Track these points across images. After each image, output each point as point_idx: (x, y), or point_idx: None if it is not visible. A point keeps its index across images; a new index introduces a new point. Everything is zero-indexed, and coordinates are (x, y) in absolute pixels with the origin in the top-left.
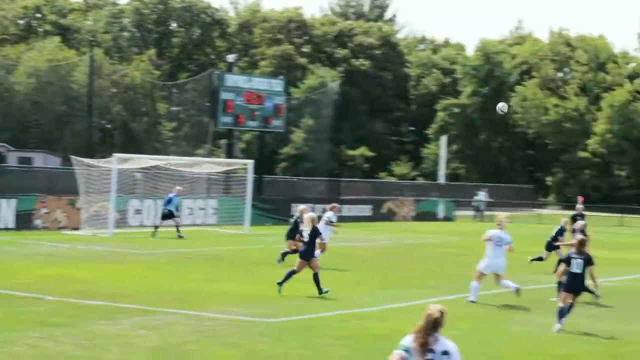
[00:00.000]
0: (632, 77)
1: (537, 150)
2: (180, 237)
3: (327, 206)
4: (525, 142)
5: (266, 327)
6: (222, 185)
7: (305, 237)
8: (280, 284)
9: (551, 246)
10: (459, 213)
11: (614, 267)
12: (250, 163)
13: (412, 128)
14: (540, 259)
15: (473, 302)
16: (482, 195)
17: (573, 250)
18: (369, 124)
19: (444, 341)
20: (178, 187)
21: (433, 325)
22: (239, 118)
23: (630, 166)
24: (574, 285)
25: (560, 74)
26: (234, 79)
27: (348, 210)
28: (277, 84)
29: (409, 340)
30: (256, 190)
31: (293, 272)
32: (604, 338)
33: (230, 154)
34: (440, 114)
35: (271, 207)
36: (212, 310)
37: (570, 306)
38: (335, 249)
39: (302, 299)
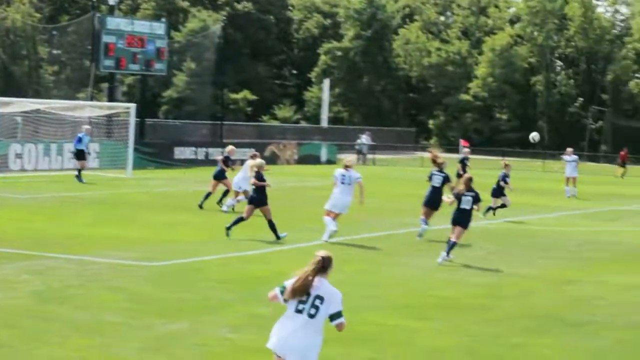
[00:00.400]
0: (513, 21)
1: (420, 93)
2: (80, 180)
3: (249, 153)
4: (408, 85)
5: (149, 270)
6: (104, 129)
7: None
8: (228, 228)
9: (498, 192)
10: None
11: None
12: (132, 107)
13: (294, 72)
14: (491, 208)
15: (326, 241)
16: (364, 139)
17: (462, 188)
18: (251, 68)
19: (326, 287)
20: (86, 126)
21: (318, 269)
22: (121, 61)
23: (511, 109)
24: (461, 219)
25: (442, 18)
26: (115, 22)
27: None
28: (159, 27)
29: (290, 282)
30: (138, 134)
31: (241, 219)
32: (486, 279)
33: (112, 98)
34: (323, 58)
35: (154, 151)
36: (96, 255)
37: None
38: (217, 193)
39: (186, 243)
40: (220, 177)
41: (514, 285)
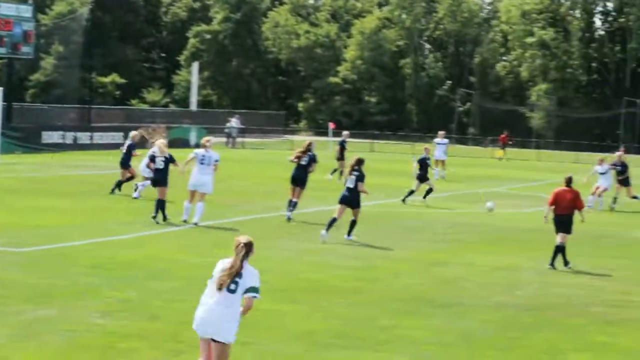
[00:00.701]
0: (381, 4)
1: (289, 76)
2: None
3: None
4: (277, 68)
5: (18, 256)
6: None
7: (160, 165)
8: (154, 217)
9: (422, 177)
10: (211, 140)
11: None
12: None
13: (163, 55)
14: (412, 192)
15: (185, 221)
16: (234, 122)
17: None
18: (120, 51)
19: (246, 266)
20: None
21: (243, 256)
22: None
23: (380, 92)
24: (347, 199)
25: (311, 1)
26: None
27: (100, 137)
28: (26, 10)
29: (217, 269)
30: (5, 118)
31: (160, 201)
32: (356, 262)
33: None
34: (192, 41)
35: (21, 135)
36: None
37: (334, 220)
38: (87, 177)
39: (55, 228)
40: (126, 165)
41: (383, 268)
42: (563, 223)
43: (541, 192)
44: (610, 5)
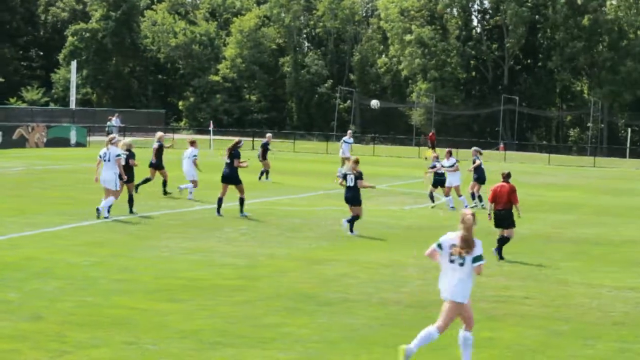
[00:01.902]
0: (259, 2)
1: (169, 75)
2: None
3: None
4: (157, 67)
5: None
6: None
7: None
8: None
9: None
10: (92, 139)
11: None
12: None
13: (41, 53)
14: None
15: (106, 218)
16: (114, 121)
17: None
18: None
19: (477, 243)
20: None
21: (472, 227)
22: None
23: (261, 90)
24: (348, 199)
25: None
26: None
27: None
28: None
29: (448, 238)
30: None
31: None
32: (239, 260)
33: None
34: (70, 39)
35: None
36: None
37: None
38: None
39: None
40: (159, 166)
41: (267, 266)
42: (503, 218)
43: (421, 190)
44: (486, 3)
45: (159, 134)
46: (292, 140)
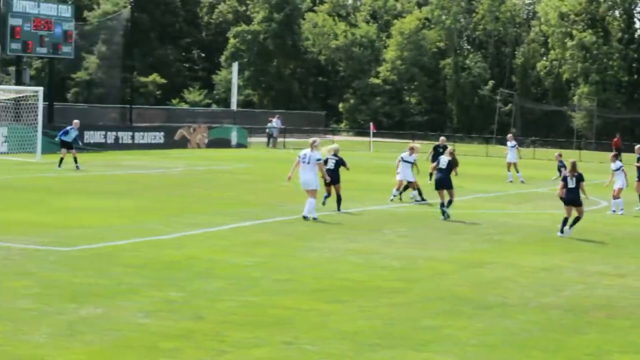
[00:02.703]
0: (420, 5)
1: (329, 76)
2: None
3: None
4: (317, 68)
5: (61, 255)
6: (12, 113)
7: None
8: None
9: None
10: (252, 140)
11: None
12: (40, 90)
13: (203, 55)
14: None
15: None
16: (275, 122)
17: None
18: (160, 51)
19: None
20: (76, 121)
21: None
22: (28, 44)
23: (421, 93)
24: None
25: (350, 1)
26: (22, 5)
27: (141, 137)
28: (66, 10)
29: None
30: (47, 117)
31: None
32: (397, 263)
33: (19, 81)
34: (232, 41)
35: None
36: (5, 240)
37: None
38: (128, 177)
39: (97, 228)
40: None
41: (425, 268)
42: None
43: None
44: None
45: (335, 146)
46: (452, 143)
